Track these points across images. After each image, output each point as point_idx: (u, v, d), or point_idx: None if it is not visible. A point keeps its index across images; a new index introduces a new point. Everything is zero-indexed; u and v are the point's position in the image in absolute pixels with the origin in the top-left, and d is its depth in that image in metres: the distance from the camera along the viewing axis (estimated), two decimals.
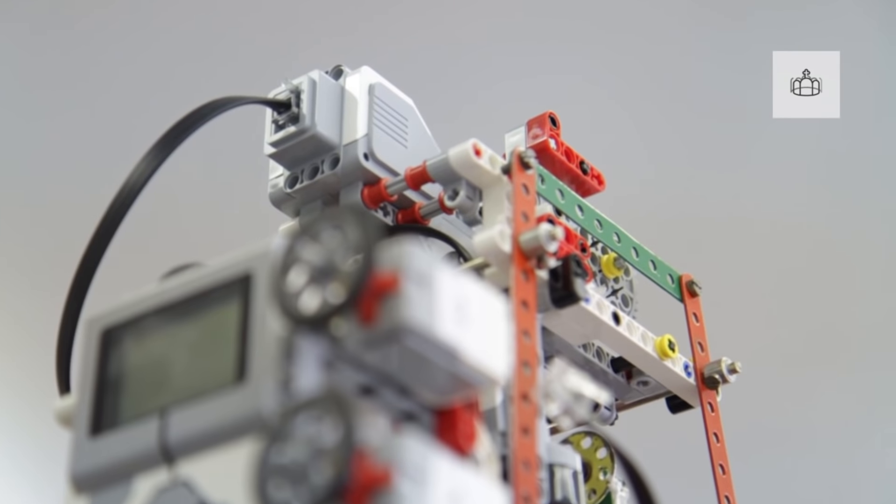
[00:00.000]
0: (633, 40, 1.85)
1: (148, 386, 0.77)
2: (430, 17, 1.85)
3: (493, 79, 1.89)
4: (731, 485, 1.09)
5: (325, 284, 0.69)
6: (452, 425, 0.75)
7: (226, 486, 0.71)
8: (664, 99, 1.87)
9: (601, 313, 1.01)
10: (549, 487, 0.93)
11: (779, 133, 1.78)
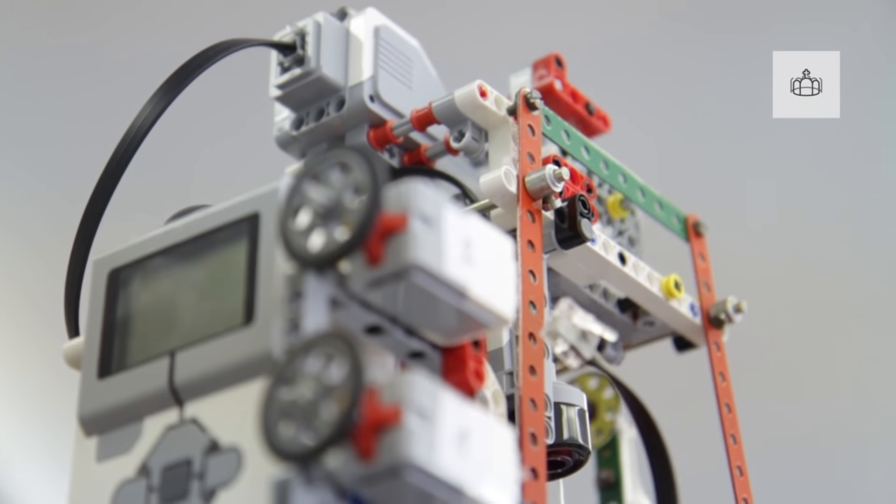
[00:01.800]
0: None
1: (156, 327, 0.77)
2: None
3: (499, 20, 1.88)
4: (737, 424, 1.09)
5: (332, 224, 0.69)
6: (460, 364, 0.76)
7: (235, 427, 0.72)
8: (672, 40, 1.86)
9: (607, 254, 1.01)
10: (555, 426, 0.94)
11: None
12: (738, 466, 1.07)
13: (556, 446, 0.94)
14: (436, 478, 0.65)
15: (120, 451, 0.76)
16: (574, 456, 0.96)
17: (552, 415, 0.92)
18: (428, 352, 0.76)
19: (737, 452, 1.07)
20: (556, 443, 0.93)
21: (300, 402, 0.65)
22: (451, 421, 0.67)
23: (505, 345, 0.92)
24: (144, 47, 1.82)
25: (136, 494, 0.74)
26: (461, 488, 0.66)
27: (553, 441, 0.93)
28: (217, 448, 0.72)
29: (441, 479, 0.65)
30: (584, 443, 0.95)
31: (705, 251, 1.14)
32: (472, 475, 0.67)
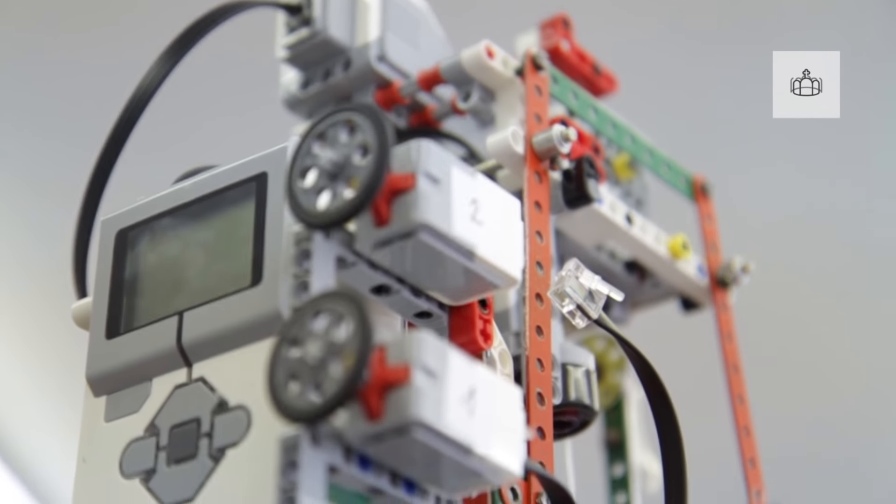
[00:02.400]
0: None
1: (164, 288, 0.78)
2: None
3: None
4: (743, 386, 1.09)
5: (340, 184, 0.69)
6: (467, 324, 0.76)
7: (243, 387, 0.72)
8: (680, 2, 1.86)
9: (614, 214, 1.01)
10: (562, 387, 0.94)
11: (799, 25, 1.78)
12: (745, 427, 1.07)
13: (563, 406, 0.94)
14: (443, 436, 0.65)
15: (128, 410, 0.76)
16: (581, 416, 0.96)
17: (559, 375, 0.93)
18: (435, 312, 0.76)
19: (743, 413, 1.08)
20: (562, 403, 0.94)
21: (308, 361, 0.65)
22: (458, 380, 0.67)
23: (512, 305, 0.92)
24: (152, 8, 1.82)
25: (144, 453, 0.74)
26: (469, 446, 0.67)
27: (560, 401, 0.93)
28: (225, 407, 0.72)
29: (449, 438, 0.66)
30: (591, 403, 0.95)
31: (712, 212, 1.14)
32: (479, 434, 0.67)
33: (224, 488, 0.70)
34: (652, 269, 1.08)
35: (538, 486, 0.79)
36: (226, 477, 0.70)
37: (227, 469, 0.71)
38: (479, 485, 0.71)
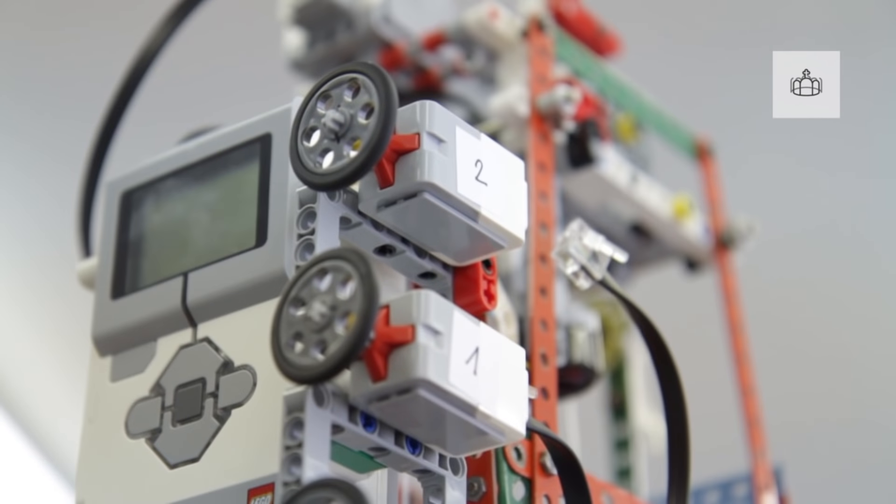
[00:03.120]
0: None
1: (169, 248, 0.78)
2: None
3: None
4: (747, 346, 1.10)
5: (344, 144, 0.69)
6: (471, 285, 0.76)
7: (248, 347, 0.72)
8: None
9: (618, 175, 1.01)
10: (567, 348, 0.94)
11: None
12: (748, 388, 1.07)
13: (567, 367, 0.94)
14: (448, 395, 0.66)
15: (134, 370, 0.76)
16: (584, 377, 0.96)
17: (563, 336, 0.93)
18: (439, 272, 0.76)
19: (746, 374, 1.08)
20: (566, 364, 0.94)
21: (313, 321, 0.65)
22: (463, 340, 0.67)
23: (516, 266, 0.92)
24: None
25: (150, 413, 0.74)
26: (473, 406, 0.67)
27: (564, 362, 0.93)
28: (230, 367, 0.72)
29: (453, 397, 0.66)
30: (595, 364, 0.96)
31: (716, 173, 1.14)
32: (483, 393, 0.67)
33: (229, 448, 0.70)
34: (656, 231, 1.08)
35: (542, 446, 0.79)
36: (231, 436, 0.71)
37: (232, 429, 0.71)
38: (483, 444, 0.71)
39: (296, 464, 0.65)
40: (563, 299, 0.96)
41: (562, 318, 0.94)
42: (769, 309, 1.73)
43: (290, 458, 0.65)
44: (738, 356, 1.09)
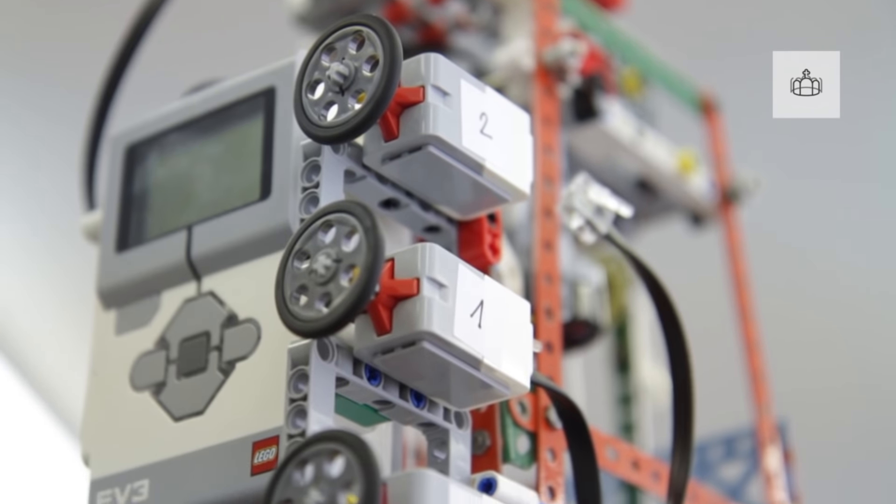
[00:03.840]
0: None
1: (173, 202, 0.78)
2: None
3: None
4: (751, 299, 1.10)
5: (349, 97, 0.69)
6: (476, 239, 0.76)
7: (253, 300, 0.72)
8: None
9: (623, 129, 1.01)
10: (571, 303, 0.94)
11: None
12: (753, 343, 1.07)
13: (572, 322, 0.94)
14: (452, 348, 0.66)
15: (138, 323, 0.76)
16: (589, 332, 0.96)
17: (568, 291, 0.93)
18: (444, 226, 0.76)
19: (751, 329, 1.08)
20: (571, 319, 0.94)
21: (317, 274, 0.65)
22: (467, 293, 0.67)
23: (521, 220, 0.92)
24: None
25: (154, 366, 0.75)
26: (477, 359, 0.67)
27: (569, 317, 0.93)
28: (235, 321, 0.72)
29: (458, 350, 0.66)
30: (600, 319, 0.96)
31: (721, 127, 1.14)
32: (488, 346, 0.67)
33: (234, 401, 0.71)
34: (661, 185, 1.08)
35: (546, 400, 0.79)
36: (235, 390, 0.71)
37: (236, 382, 0.71)
38: (487, 398, 0.71)
39: (300, 416, 0.65)
40: (568, 254, 0.96)
41: (567, 273, 0.94)
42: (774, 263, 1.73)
43: (295, 411, 0.66)
44: (742, 311, 1.09)
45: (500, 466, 0.77)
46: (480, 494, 0.65)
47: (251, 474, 0.68)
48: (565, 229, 0.88)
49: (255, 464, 0.68)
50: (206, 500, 0.70)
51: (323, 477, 0.61)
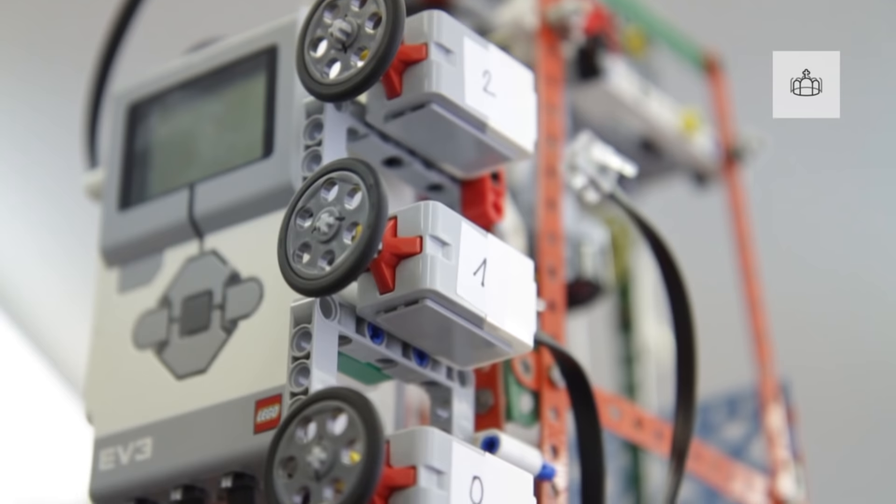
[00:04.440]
0: None
1: (175, 160, 0.77)
2: None
3: None
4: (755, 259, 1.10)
5: (352, 55, 0.69)
6: (479, 197, 0.75)
7: (255, 259, 0.72)
8: None
9: (627, 88, 1.00)
10: (575, 262, 0.94)
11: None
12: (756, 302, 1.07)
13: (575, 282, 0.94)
14: (455, 306, 0.66)
15: (141, 282, 0.76)
16: (592, 292, 0.96)
17: (571, 250, 0.93)
18: (447, 184, 0.75)
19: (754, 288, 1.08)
20: (574, 278, 0.94)
21: (320, 232, 0.65)
22: (470, 251, 0.67)
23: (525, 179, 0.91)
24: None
25: (157, 325, 0.75)
26: (481, 317, 0.67)
27: (572, 277, 0.93)
28: (237, 279, 0.72)
29: (461, 308, 0.66)
30: (603, 279, 0.96)
31: (725, 87, 1.14)
32: (491, 305, 0.67)
33: (236, 359, 0.71)
34: (664, 145, 1.08)
35: (550, 359, 0.79)
36: (238, 348, 0.71)
37: (239, 340, 0.71)
38: (490, 356, 0.71)
39: (303, 374, 0.65)
40: (572, 214, 0.96)
41: (570, 232, 0.94)
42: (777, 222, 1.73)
43: (298, 369, 0.66)
44: (745, 270, 1.09)
45: (503, 425, 0.77)
46: (483, 453, 0.65)
47: (254, 432, 0.68)
48: (568, 188, 0.87)
49: (258, 422, 0.68)
50: (209, 459, 0.70)
51: (326, 435, 0.61)
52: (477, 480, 0.63)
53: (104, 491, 0.73)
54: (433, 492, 0.61)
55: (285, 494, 0.61)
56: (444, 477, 0.62)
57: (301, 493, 0.61)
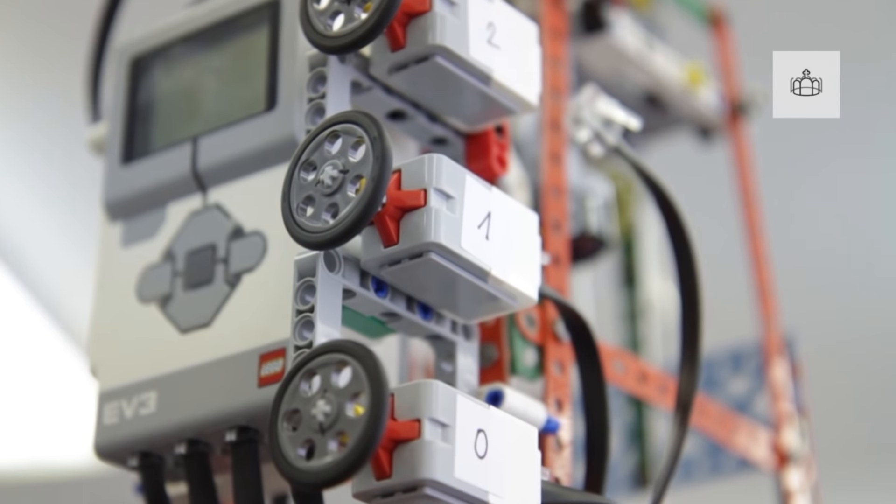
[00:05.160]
0: None
1: (178, 114, 0.77)
2: None
3: None
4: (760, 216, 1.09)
5: (355, 7, 0.68)
6: (483, 151, 0.75)
7: (259, 212, 0.72)
8: None
9: (631, 42, 1.00)
10: (579, 216, 0.94)
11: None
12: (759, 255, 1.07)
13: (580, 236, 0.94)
14: (460, 259, 0.65)
15: (144, 235, 0.76)
16: (597, 246, 0.96)
17: (576, 205, 0.93)
18: (451, 138, 0.75)
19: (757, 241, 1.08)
20: (579, 232, 0.94)
21: (324, 184, 0.65)
22: (475, 204, 0.66)
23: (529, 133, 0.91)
24: None
25: (160, 279, 0.74)
26: (485, 270, 0.66)
27: (577, 231, 0.93)
28: (241, 233, 0.72)
29: (465, 261, 0.66)
30: (607, 233, 0.95)
31: (731, 40, 1.13)
32: (495, 258, 0.67)
33: (240, 312, 0.70)
34: (669, 99, 1.07)
35: (554, 313, 0.79)
36: (242, 301, 0.71)
37: (243, 294, 0.71)
38: (494, 310, 0.71)
39: (307, 328, 0.65)
40: (576, 169, 0.95)
41: (575, 187, 0.93)
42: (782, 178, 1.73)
43: (302, 323, 0.65)
44: (750, 225, 1.08)
45: (508, 379, 0.77)
46: (488, 406, 0.65)
47: (258, 386, 0.68)
48: (573, 142, 0.87)
49: (262, 376, 0.68)
50: (213, 413, 0.70)
51: (330, 388, 0.61)
52: (481, 434, 0.63)
53: (109, 445, 0.74)
54: (437, 445, 0.61)
55: (290, 447, 0.61)
56: (448, 430, 0.62)
57: (305, 446, 0.61)
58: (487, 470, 0.63)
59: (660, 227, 1.07)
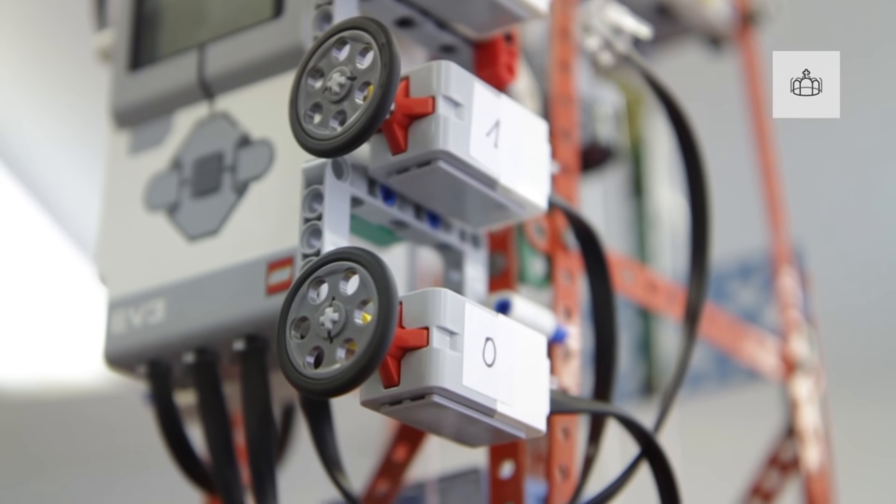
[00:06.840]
0: None
1: (185, 20, 0.76)
2: None
3: None
4: (769, 127, 1.09)
5: None
6: (492, 58, 0.74)
7: (266, 120, 0.71)
8: None
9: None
10: (588, 125, 0.93)
11: None
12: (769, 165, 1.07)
13: (590, 146, 0.93)
14: (468, 167, 0.65)
15: (151, 143, 0.76)
16: (606, 155, 0.95)
17: (585, 115, 0.92)
18: (459, 46, 0.74)
19: (766, 151, 1.07)
20: (588, 141, 0.93)
21: (331, 91, 0.64)
22: (483, 112, 0.66)
23: (538, 42, 0.90)
24: None
25: (168, 187, 0.74)
26: (493, 178, 0.66)
27: (586, 140, 0.93)
28: (248, 141, 0.72)
29: (473, 169, 0.65)
30: (616, 142, 0.95)
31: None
32: (504, 166, 0.67)
33: (248, 221, 0.70)
34: (679, 8, 1.06)
35: (563, 222, 0.79)
36: (249, 210, 0.70)
37: (250, 202, 0.71)
38: (503, 218, 0.70)
39: (315, 236, 0.65)
40: (586, 79, 0.94)
41: (584, 96, 0.93)
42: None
43: (310, 231, 0.65)
44: (759, 135, 1.08)
45: (516, 288, 0.76)
46: (496, 314, 0.64)
47: (266, 294, 0.68)
48: (583, 51, 0.86)
49: (270, 284, 0.68)
50: (221, 321, 0.70)
51: (338, 295, 0.61)
52: (490, 342, 0.63)
53: (117, 353, 0.74)
54: (446, 353, 0.61)
55: (298, 355, 0.61)
56: (456, 338, 0.62)
57: (313, 354, 0.61)
58: (496, 378, 0.63)
59: (669, 138, 1.06)
